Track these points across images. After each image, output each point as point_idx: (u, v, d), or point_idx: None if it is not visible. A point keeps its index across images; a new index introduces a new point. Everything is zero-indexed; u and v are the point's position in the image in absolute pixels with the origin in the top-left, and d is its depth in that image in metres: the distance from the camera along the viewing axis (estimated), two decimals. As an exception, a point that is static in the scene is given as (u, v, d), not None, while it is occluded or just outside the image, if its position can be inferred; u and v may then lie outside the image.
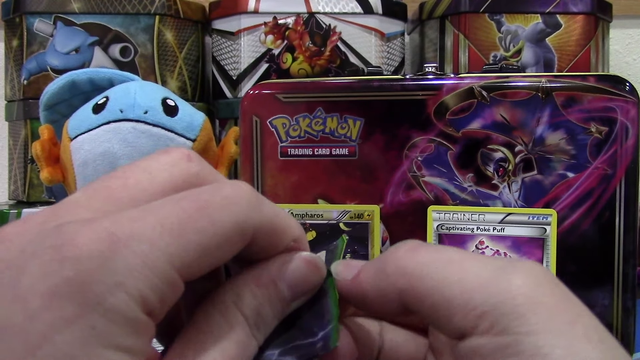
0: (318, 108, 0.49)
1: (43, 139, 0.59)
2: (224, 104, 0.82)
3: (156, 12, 0.79)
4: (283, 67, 0.79)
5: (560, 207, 0.46)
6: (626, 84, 0.46)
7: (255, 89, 0.50)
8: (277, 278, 0.20)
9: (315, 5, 0.79)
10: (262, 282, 0.20)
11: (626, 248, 0.46)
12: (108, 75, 0.61)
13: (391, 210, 0.48)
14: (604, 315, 0.46)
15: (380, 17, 0.81)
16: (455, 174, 0.48)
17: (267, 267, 0.20)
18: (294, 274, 0.20)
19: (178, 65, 0.82)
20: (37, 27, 0.78)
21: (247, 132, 0.50)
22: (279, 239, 0.20)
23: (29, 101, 0.79)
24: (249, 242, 0.19)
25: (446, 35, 0.82)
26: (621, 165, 0.46)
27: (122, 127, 0.55)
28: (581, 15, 0.80)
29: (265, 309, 0.19)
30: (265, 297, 0.19)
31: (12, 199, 0.85)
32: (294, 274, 0.20)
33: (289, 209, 0.49)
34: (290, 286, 0.20)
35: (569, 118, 0.46)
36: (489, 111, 0.47)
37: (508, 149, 0.47)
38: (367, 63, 0.80)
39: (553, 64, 0.81)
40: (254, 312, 0.19)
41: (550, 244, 0.46)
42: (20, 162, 0.81)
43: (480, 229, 0.47)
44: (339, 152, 0.49)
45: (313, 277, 0.21)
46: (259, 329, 0.19)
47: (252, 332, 0.19)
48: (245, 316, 0.19)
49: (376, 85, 0.49)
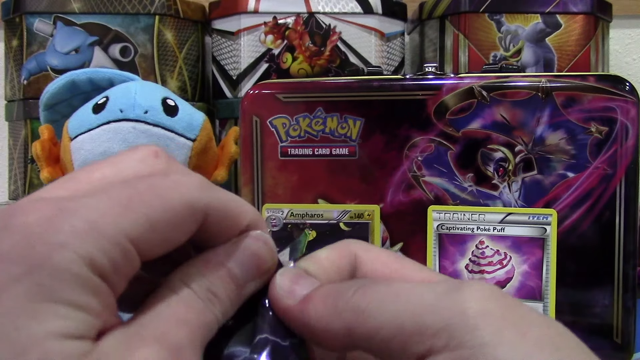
0: (318, 108, 0.49)
1: (43, 139, 0.59)
2: (224, 104, 0.82)
3: (156, 12, 0.79)
4: (283, 67, 0.79)
5: (560, 207, 0.46)
6: (626, 84, 0.46)
7: (255, 89, 0.50)
8: (225, 258, 0.20)
9: (315, 5, 0.79)
10: (209, 260, 0.20)
11: (626, 248, 0.46)
12: (108, 75, 0.61)
13: (391, 210, 0.48)
14: (605, 315, 0.46)
15: (380, 17, 0.81)
16: (455, 173, 0.48)
17: (217, 249, 0.21)
18: (242, 251, 0.21)
19: (178, 65, 0.82)
20: (37, 27, 0.78)
21: (247, 132, 0.50)
22: (233, 222, 0.21)
23: (29, 101, 0.79)
24: (202, 225, 0.19)
25: (446, 35, 0.82)
26: (621, 165, 0.46)
27: (122, 127, 0.55)
28: (581, 15, 0.80)
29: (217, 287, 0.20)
30: (214, 276, 0.20)
31: (12, 199, 0.85)
32: (243, 251, 0.21)
33: (289, 209, 0.50)
34: (240, 264, 0.21)
35: (569, 118, 0.46)
36: (489, 111, 0.47)
37: (508, 149, 0.47)
38: (367, 63, 0.80)
39: (553, 64, 0.81)
40: (202, 287, 0.19)
41: (550, 244, 0.46)
42: (20, 162, 0.81)
43: (480, 228, 0.47)
44: (339, 152, 0.49)
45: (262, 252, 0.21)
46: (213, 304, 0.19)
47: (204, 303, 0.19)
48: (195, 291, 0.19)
49: (376, 85, 0.49)
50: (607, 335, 0.46)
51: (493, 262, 0.47)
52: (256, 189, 0.50)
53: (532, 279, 0.47)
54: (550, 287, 0.46)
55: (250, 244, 0.21)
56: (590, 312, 0.46)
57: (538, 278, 0.47)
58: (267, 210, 0.49)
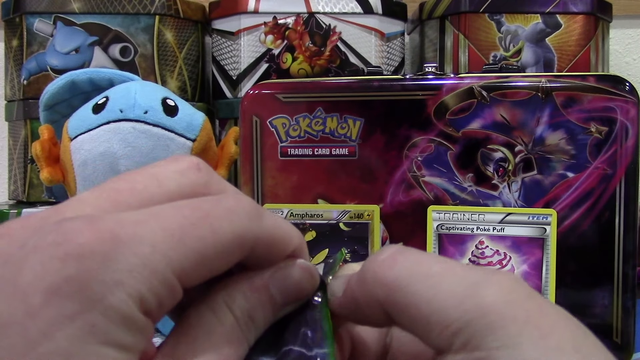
0: (318, 108, 0.49)
1: (43, 139, 0.59)
2: (224, 104, 0.82)
3: (156, 12, 0.79)
4: (283, 67, 0.79)
5: (560, 207, 0.46)
6: (626, 84, 0.46)
7: (255, 89, 0.50)
8: (269, 282, 0.20)
9: (315, 5, 0.79)
10: (255, 285, 0.20)
11: (626, 248, 0.46)
12: (108, 75, 0.61)
13: (391, 210, 0.48)
14: (604, 315, 0.46)
15: (380, 17, 0.81)
16: (455, 174, 0.48)
17: (261, 272, 0.20)
18: (286, 279, 0.20)
19: (178, 65, 0.82)
20: (37, 27, 0.78)
21: (247, 132, 0.50)
22: (278, 250, 0.20)
23: (29, 101, 0.79)
24: (247, 253, 0.19)
25: (446, 35, 0.82)
26: (621, 165, 0.46)
27: (122, 127, 0.55)
28: (581, 15, 0.80)
29: (257, 311, 0.20)
30: (256, 300, 0.20)
31: (12, 199, 0.85)
32: (287, 279, 0.20)
33: (289, 209, 0.50)
34: (282, 291, 0.20)
35: (569, 118, 0.46)
36: (489, 111, 0.47)
37: (508, 149, 0.47)
38: (367, 63, 0.80)
39: (553, 64, 0.81)
40: (244, 313, 0.19)
41: (550, 244, 0.46)
42: (20, 162, 0.81)
43: (480, 229, 0.47)
44: (339, 152, 0.49)
45: (305, 282, 0.21)
46: (249, 331, 0.19)
47: (242, 332, 0.19)
48: (236, 316, 0.19)
49: (376, 85, 0.49)
50: (607, 335, 0.46)
51: (493, 262, 0.47)
52: (256, 189, 0.50)
53: (531, 279, 0.47)
54: (550, 287, 0.46)
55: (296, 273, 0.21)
56: (589, 312, 0.46)
57: (538, 278, 0.47)
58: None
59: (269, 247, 0.20)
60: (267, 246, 0.20)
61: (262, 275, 0.20)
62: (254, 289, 0.20)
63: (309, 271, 0.21)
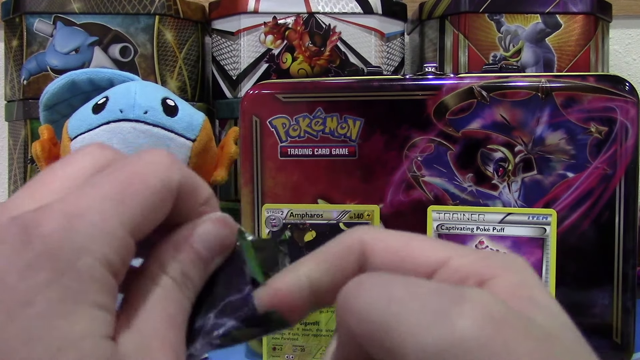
0: (318, 108, 0.49)
1: (43, 139, 0.59)
2: (224, 104, 0.82)
3: (156, 12, 0.79)
4: (283, 67, 0.79)
5: (560, 207, 0.46)
6: (626, 84, 0.46)
7: (255, 89, 0.50)
8: (192, 240, 0.22)
9: (315, 5, 0.79)
10: (181, 246, 0.21)
11: (626, 248, 0.46)
12: (108, 75, 0.61)
13: (391, 210, 0.48)
14: (604, 315, 0.46)
15: (380, 17, 0.81)
16: (455, 174, 0.48)
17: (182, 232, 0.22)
18: (208, 234, 0.22)
19: (178, 65, 0.82)
20: (37, 27, 0.78)
21: (247, 132, 0.50)
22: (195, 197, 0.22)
23: (29, 101, 0.79)
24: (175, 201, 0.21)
25: (446, 35, 0.82)
26: (621, 165, 0.46)
27: (121, 127, 0.55)
28: (581, 15, 0.80)
29: (189, 269, 0.21)
30: (186, 259, 0.21)
31: (12, 199, 0.85)
32: (209, 234, 0.22)
33: (289, 209, 0.50)
34: (206, 246, 0.22)
35: (569, 118, 0.46)
36: (489, 111, 0.47)
37: (508, 149, 0.47)
38: (367, 63, 0.80)
39: (553, 64, 0.81)
40: (179, 273, 0.21)
41: (550, 244, 0.46)
42: (20, 162, 0.81)
43: (480, 228, 0.47)
44: (339, 152, 0.49)
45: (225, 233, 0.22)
46: (188, 288, 0.21)
47: (182, 291, 0.21)
48: (172, 277, 0.21)
49: (376, 85, 0.49)
50: (607, 335, 0.46)
51: (493, 262, 0.47)
52: (256, 189, 0.50)
53: (531, 279, 0.47)
54: (550, 287, 0.46)
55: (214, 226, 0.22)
56: (589, 312, 0.46)
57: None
58: (266, 210, 0.49)
59: (189, 193, 0.21)
60: (188, 193, 0.21)
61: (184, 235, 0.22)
62: (180, 249, 0.21)
63: (224, 222, 0.22)
